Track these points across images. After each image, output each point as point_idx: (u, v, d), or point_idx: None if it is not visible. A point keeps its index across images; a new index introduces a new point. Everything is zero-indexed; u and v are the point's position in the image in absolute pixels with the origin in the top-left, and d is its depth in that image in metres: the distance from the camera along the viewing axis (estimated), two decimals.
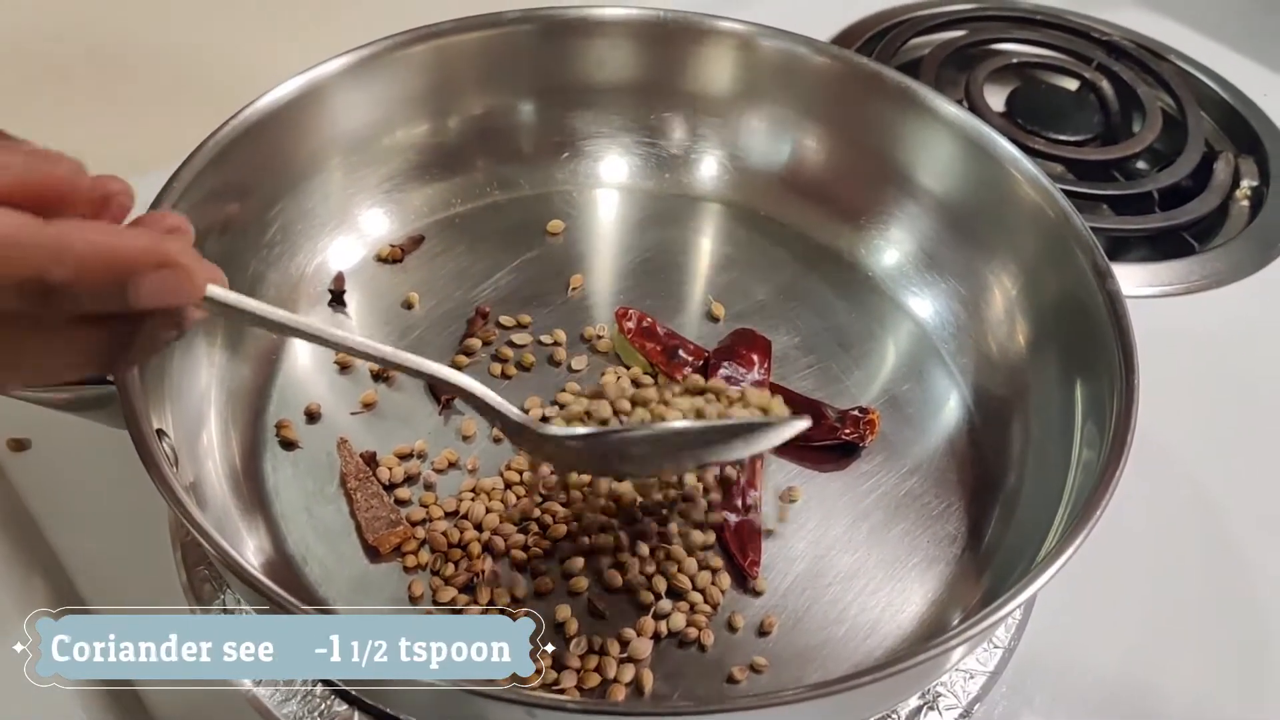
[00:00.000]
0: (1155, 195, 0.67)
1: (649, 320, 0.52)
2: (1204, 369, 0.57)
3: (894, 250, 0.56)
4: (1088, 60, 0.76)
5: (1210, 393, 0.56)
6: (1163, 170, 0.68)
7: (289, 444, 0.47)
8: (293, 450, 0.47)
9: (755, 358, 0.50)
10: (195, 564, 0.44)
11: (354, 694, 0.40)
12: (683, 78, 0.58)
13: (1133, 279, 0.61)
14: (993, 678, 0.43)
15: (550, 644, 0.41)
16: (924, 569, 0.45)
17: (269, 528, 0.44)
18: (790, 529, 0.46)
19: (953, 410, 0.51)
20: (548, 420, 0.49)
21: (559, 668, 0.41)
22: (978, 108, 0.68)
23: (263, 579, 0.34)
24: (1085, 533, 0.37)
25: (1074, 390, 0.46)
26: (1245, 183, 0.70)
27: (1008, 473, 0.48)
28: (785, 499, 0.47)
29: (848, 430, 0.48)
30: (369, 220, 0.55)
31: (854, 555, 0.46)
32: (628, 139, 0.59)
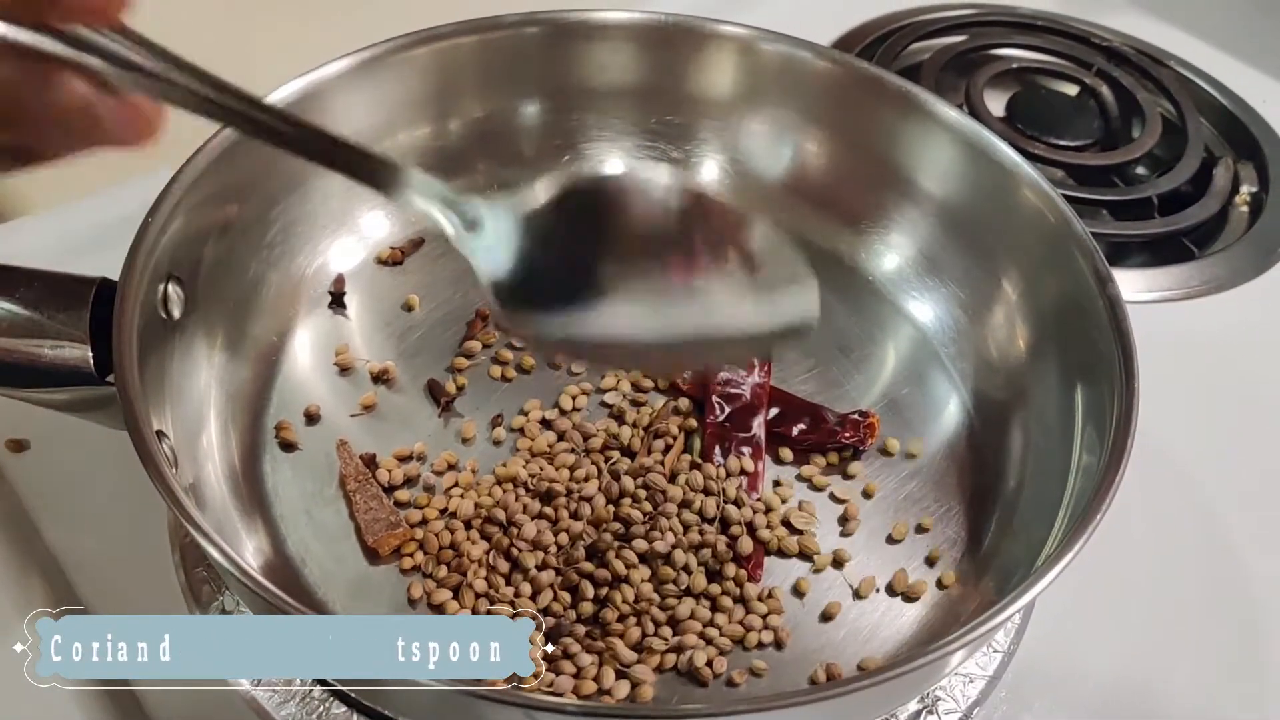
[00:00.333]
0: (1155, 201, 0.67)
1: None
2: (1204, 374, 0.57)
3: (894, 254, 0.56)
4: (1088, 66, 0.76)
5: (1210, 398, 0.56)
6: (1162, 176, 0.68)
7: (288, 445, 0.47)
8: (292, 452, 0.47)
9: (755, 361, 0.50)
10: (194, 565, 0.44)
11: (352, 696, 0.40)
12: (684, 81, 0.57)
13: (1132, 284, 0.61)
14: (992, 682, 0.43)
15: (549, 645, 0.41)
16: (924, 573, 0.45)
17: (268, 529, 0.44)
18: (790, 532, 0.46)
19: (952, 414, 0.51)
20: (548, 423, 0.49)
21: (556, 672, 0.41)
22: (978, 113, 0.68)
23: (261, 580, 0.34)
24: (1085, 537, 0.37)
25: (1074, 395, 0.46)
26: (1245, 188, 0.70)
27: (1007, 477, 0.48)
28: (785, 500, 0.47)
29: (847, 434, 0.49)
30: (370, 222, 0.55)
31: (853, 559, 0.46)
32: (629, 142, 0.59)
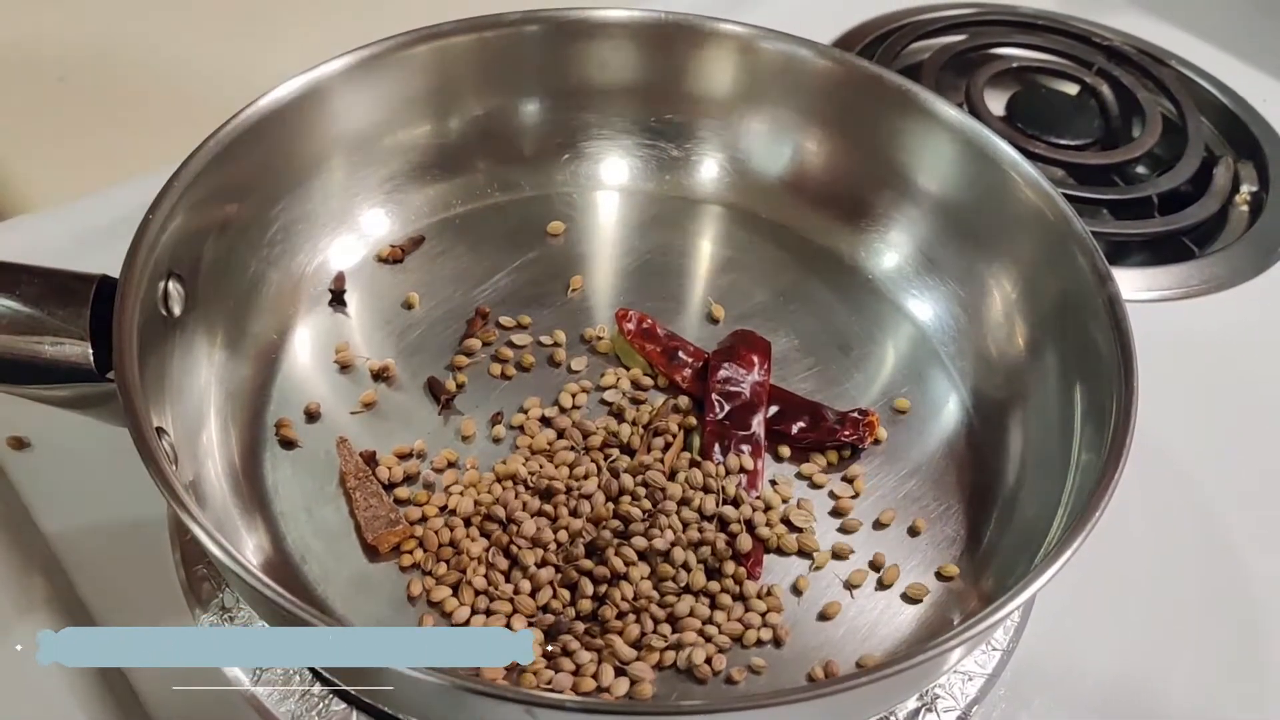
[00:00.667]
0: (1155, 200, 0.67)
1: (649, 322, 0.52)
2: (1203, 373, 0.57)
3: (894, 253, 0.56)
4: (1088, 65, 0.76)
5: (1209, 397, 0.56)
6: (1162, 175, 0.68)
7: (289, 443, 0.47)
8: (292, 449, 0.47)
9: (755, 359, 0.50)
10: (194, 563, 0.44)
11: (352, 693, 0.40)
12: (684, 80, 0.58)
13: (1132, 283, 0.61)
14: (991, 680, 0.43)
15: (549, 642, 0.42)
16: (923, 570, 0.45)
17: (268, 526, 0.44)
18: (789, 530, 0.46)
19: (952, 412, 0.51)
20: (548, 420, 0.49)
21: (556, 669, 0.41)
22: (978, 112, 0.68)
23: (262, 577, 0.34)
24: (1084, 535, 0.37)
25: (1073, 393, 0.46)
26: (1245, 188, 0.70)
27: (1007, 475, 0.48)
28: (784, 498, 0.47)
29: (847, 432, 0.49)
30: (370, 220, 0.55)
31: (853, 556, 0.46)
32: (628, 141, 0.59)
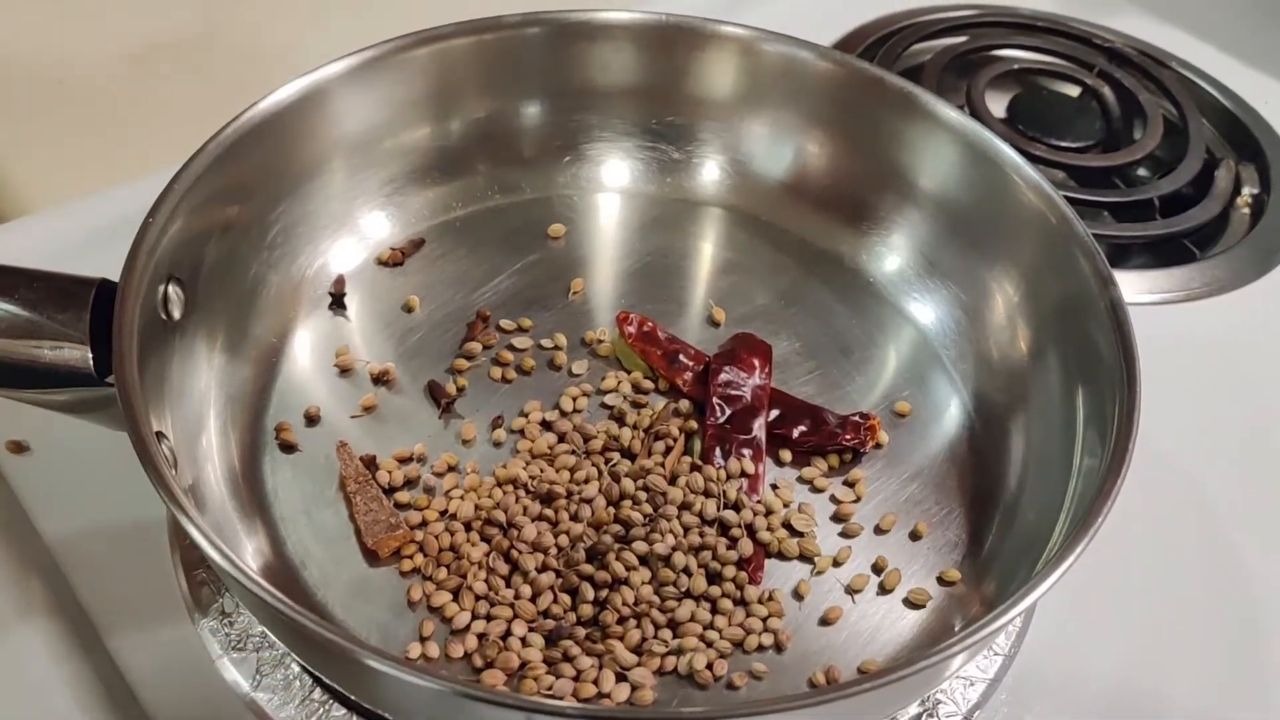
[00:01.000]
0: (1156, 202, 0.67)
1: (650, 324, 0.52)
2: (1205, 376, 0.57)
3: (895, 256, 0.56)
4: (1089, 67, 0.76)
5: (1212, 400, 0.56)
6: (1164, 177, 0.68)
7: (288, 447, 0.47)
8: (292, 453, 0.47)
9: (756, 362, 0.50)
10: (194, 567, 0.43)
11: (352, 699, 0.40)
12: (685, 82, 0.58)
13: (1133, 286, 0.61)
14: (993, 685, 0.43)
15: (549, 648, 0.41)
16: (925, 575, 0.45)
17: (268, 531, 0.44)
18: (790, 534, 0.46)
19: (954, 416, 0.51)
20: (548, 424, 0.49)
21: (556, 674, 0.41)
22: (979, 114, 0.68)
23: (261, 582, 0.34)
24: (1086, 540, 0.37)
25: (1075, 397, 0.46)
26: (1246, 190, 0.70)
27: (1009, 479, 0.48)
28: (786, 502, 0.47)
29: (848, 436, 0.48)
30: (370, 223, 0.55)
31: (854, 561, 0.46)
32: (629, 143, 0.59)
